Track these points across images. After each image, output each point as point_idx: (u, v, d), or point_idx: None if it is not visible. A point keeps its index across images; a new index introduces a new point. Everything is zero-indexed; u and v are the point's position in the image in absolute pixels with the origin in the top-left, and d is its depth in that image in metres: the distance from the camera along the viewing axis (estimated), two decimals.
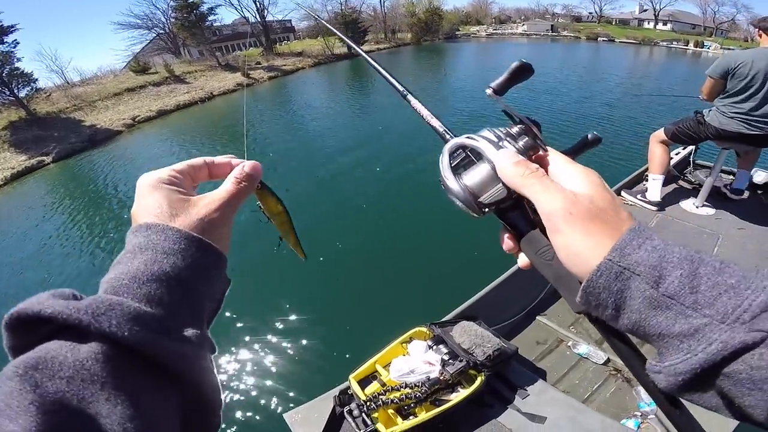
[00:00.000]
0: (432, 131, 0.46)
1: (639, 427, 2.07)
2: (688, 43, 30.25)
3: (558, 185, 0.33)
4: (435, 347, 2.22)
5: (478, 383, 2.05)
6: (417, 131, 10.06)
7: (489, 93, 0.40)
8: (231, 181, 0.38)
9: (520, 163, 0.34)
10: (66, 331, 0.25)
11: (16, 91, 16.07)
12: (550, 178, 0.34)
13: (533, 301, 2.85)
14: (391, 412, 2.00)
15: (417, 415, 1.98)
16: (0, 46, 15.86)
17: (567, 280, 0.34)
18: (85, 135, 14.52)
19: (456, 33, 42.17)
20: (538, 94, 12.79)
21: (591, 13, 44.03)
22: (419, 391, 1.98)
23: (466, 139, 0.38)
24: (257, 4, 29.34)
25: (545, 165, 0.36)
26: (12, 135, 14.31)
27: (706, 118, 2.89)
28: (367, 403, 1.96)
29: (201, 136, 13.04)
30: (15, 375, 0.22)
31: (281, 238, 0.50)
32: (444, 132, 0.44)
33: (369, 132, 10.82)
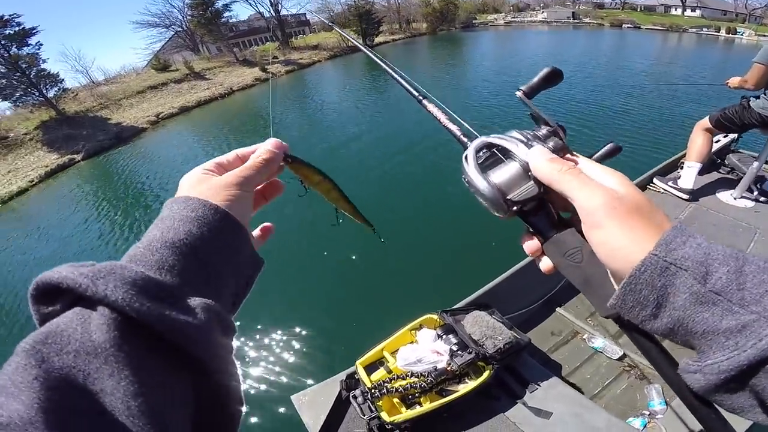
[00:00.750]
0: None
1: (645, 427, 2.03)
2: (719, 30, 28.69)
3: (597, 181, 0.33)
4: (444, 337, 2.19)
5: (485, 376, 2.02)
6: (430, 122, 9.98)
7: (519, 95, 0.41)
8: (252, 157, 0.39)
9: (555, 160, 0.34)
10: (81, 303, 0.25)
11: (44, 92, 16.57)
12: (587, 174, 0.33)
13: (550, 291, 2.78)
14: (396, 400, 2.00)
15: (421, 405, 1.98)
16: (25, 48, 16.31)
17: (596, 283, 0.33)
18: (112, 132, 14.97)
19: (473, 22, 41.19)
20: (561, 85, 12.40)
21: (614, 0, 42.32)
22: (425, 381, 1.97)
23: (494, 138, 0.38)
24: None
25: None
26: (44, 134, 14.84)
27: (751, 103, 2.78)
28: (372, 391, 1.96)
29: (223, 130, 13.23)
30: (22, 350, 0.22)
31: (337, 210, 0.49)
32: (461, 135, 0.44)
33: (388, 120, 10.78)
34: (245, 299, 0.35)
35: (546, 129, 0.39)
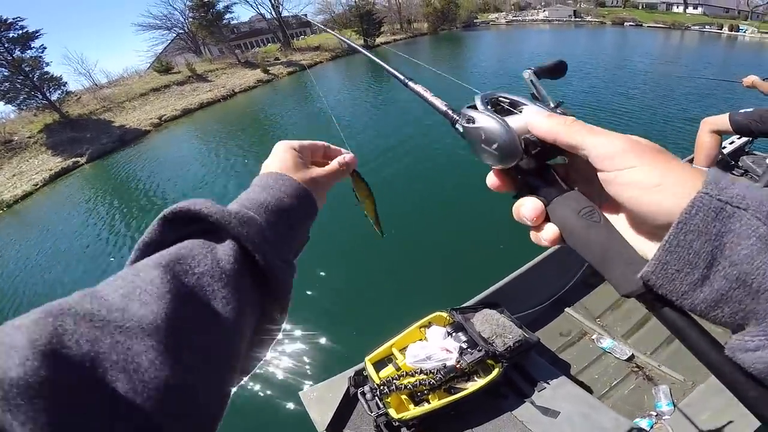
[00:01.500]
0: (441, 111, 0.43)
1: (652, 427, 2.04)
2: (722, 27, 28.55)
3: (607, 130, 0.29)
4: (454, 334, 2.19)
5: (494, 374, 2.03)
6: (440, 117, 9.98)
7: (528, 74, 0.41)
8: (336, 163, 0.48)
9: (555, 116, 0.31)
10: (208, 234, 0.31)
11: (48, 95, 16.65)
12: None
13: (559, 291, 2.78)
14: (404, 397, 2.01)
15: (429, 402, 1.99)
16: (28, 51, 16.43)
17: (616, 252, 0.28)
18: (116, 135, 15.05)
19: (474, 21, 41.12)
20: (564, 82, 12.41)
21: None
22: (434, 378, 1.97)
23: (501, 93, 0.36)
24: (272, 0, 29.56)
25: None
26: (48, 138, 14.94)
27: None
28: (381, 387, 1.96)
29: (225, 132, 13.30)
30: (159, 265, 0.26)
31: (366, 215, 0.59)
32: (448, 110, 0.40)
33: (392, 119, 10.81)
34: None
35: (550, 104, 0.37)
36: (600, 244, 0.28)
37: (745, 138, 3.51)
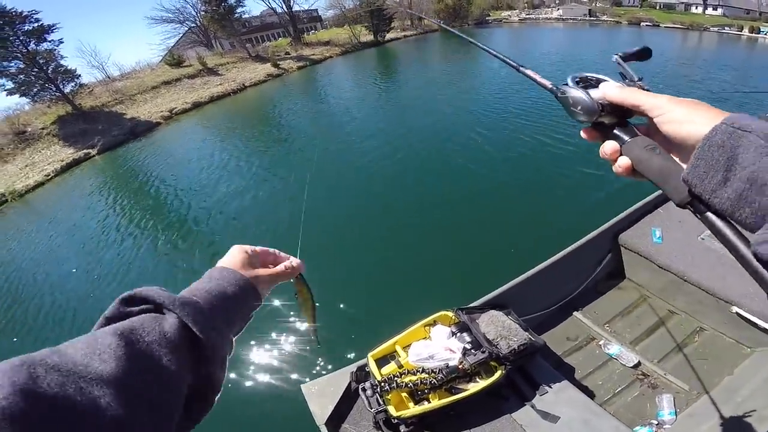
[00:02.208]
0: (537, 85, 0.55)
1: None
2: (742, 29, 27.80)
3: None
4: (458, 334, 2.18)
5: (497, 376, 2.01)
6: (452, 114, 9.93)
7: (615, 58, 0.51)
8: (281, 266, 0.58)
9: (624, 86, 0.44)
10: (155, 311, 0.39)
11: (61, 87, 16.84)
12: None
13: (569, 295, 2.78)
14: (405, 395, 2.01)
15: (430, 401, 1.98)
16: (43, 44, 16.57)
17: (671, 172, 0.38)
18: (127, 127, 15.22)
19: (486, 19, 40.74)
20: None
21: None
22: (435, 378, 1.96)
23: (587, 73, 0.49)
24: None
25: None
26: (60, 129, 15.15)
27: None
28: (382, 384, 1.96)
29: (234, 126, 13.35)
30: (115, 333, 0.33)
31: (300, 308, 0.67)
32: (551, 86, 0.53)
33: (401, 115, 10.79)
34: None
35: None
36: (659, 166, 0.39)
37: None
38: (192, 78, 20.70)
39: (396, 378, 1.99)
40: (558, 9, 41.49)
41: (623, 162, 0.43)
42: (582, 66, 15.03)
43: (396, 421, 1.91)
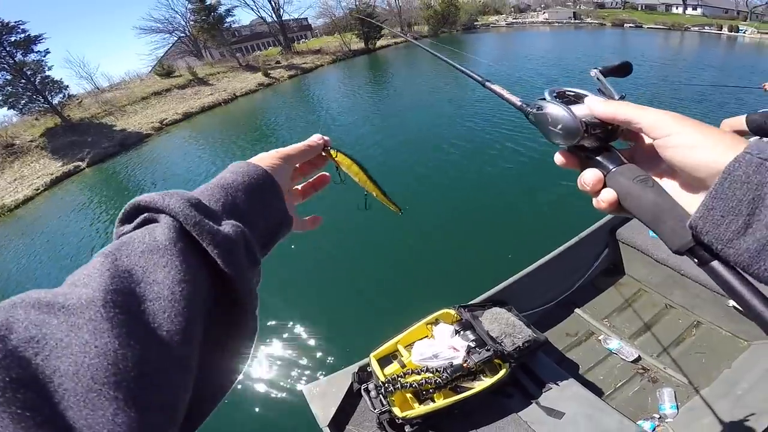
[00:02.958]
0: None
1: (654, 430, 2.04)
2: (721, 28, 28.54)
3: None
4: (462, 333, 2.16)
5: (501, 374, 2.00)
6: (447, 115, 10.00)
7: (594, 73, 0.45)
8: (299, 145, 0.50)
9: (612, 101, 0.38)
10: (150, 222, 0.32)
11: (50, 99, 16.60)
12: None
13: (567, 291, 2.78)
14: (409, 395, 1.98)
15: (434, 401, 1.96)
16: (30, 55, 16.38)
17: (667, 210, 0.32)
18: (117, 139, 15.04)
19: (474, 24, 41.23)
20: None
21: None
22: (440, 377, 1.94)
23: (567, 88, 0.42)
24: (272, 3, 29.65)
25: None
26: (49, 141, 14.93)
27: None
28: (385, 385, 1.93)
29: (227, 136, 13.29)
30: (101, 254, 0.28)
31: (366, 194, 0.55)
32: (522, 104, 0.47)
33: (395, 117, 10.81)
34: (272, 247, 0.41)
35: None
36: (653, 203, 0.33)
37: (766, 139, 3.44)
38: (182, 88, 20.61)
39: (400, 378, 1.97)
40: (544, 12, 42.24)
41: (607, 196, 0.36)
42: (567, 67, 15.27)
43: (401, 422, 1.89)
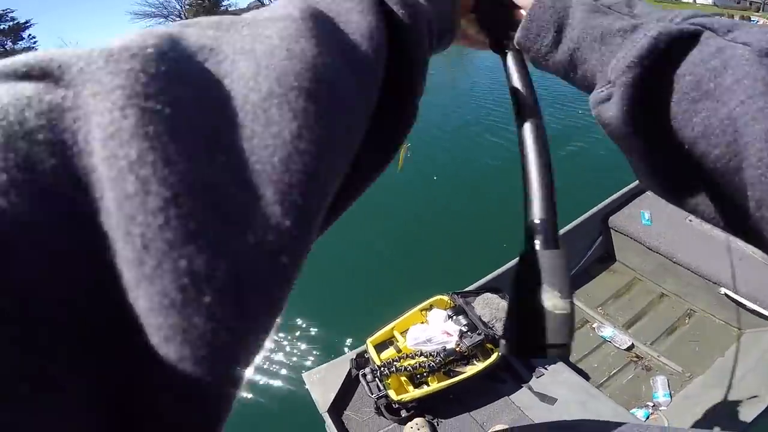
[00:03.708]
0: None
1: (648, 418, 2.05)
2: (732, 17, 28.00)
3: None
4: (455, 318, 2.17)
5: (493, 358, 2.02)
6: (453, 99, 9.86)
7: None
8: None
9: None
10: None
11: None
12: None
13: None
14: (404, 379, 2.01)
15: (429, 385, 1.98)
16: (20, 42, 16.36)
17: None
18: None
19: None
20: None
21: None
22: (433, 361, 1.96)
23: None
24: None
25: None
26: None
27: None
28: (381, 369, 1.95)
29: None
30: None
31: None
32: None
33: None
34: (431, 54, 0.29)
35: None
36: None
37: None
38: None
39: (395, 362, 1.99)
40: None
41: None
42: None
43: (397, 406, 1.92)
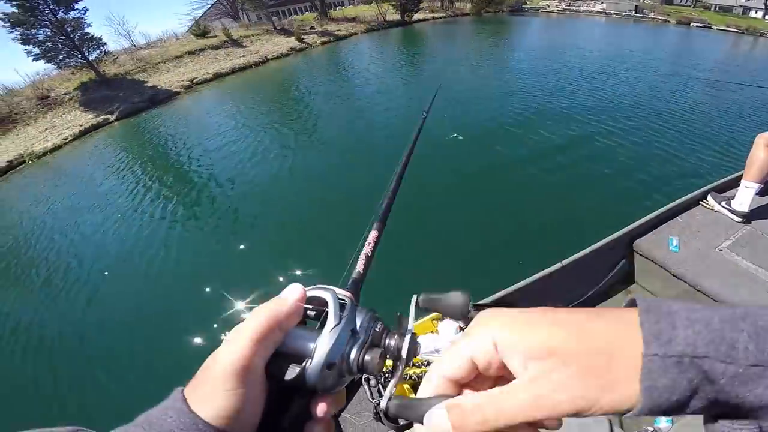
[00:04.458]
0: None
1: None
2: None
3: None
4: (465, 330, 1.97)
5: None
6: (476, 99, 9.44)
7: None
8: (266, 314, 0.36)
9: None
10: None
11: (87, 55, 16.86)
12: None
13: (579, 299, 2.73)
14: (407, 387, 1.99)
15: None
16: (71, 12, 16.55)
17: None
18: (147, 95, 15.10)
19: (522, 6, 38.94)
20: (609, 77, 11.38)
21: None
22: None
23: None
24: None
25: None
26: (82, 95, 15.15)
27: None
28: (386, 375, 1.83)
29: (254, 99, 13.16)
30: None
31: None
32: None
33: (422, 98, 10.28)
34: None
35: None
36: None
37: None
38: (216, 49, 20.41)
39: None
40: (601, 2, 39.23)
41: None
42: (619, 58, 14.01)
43: None
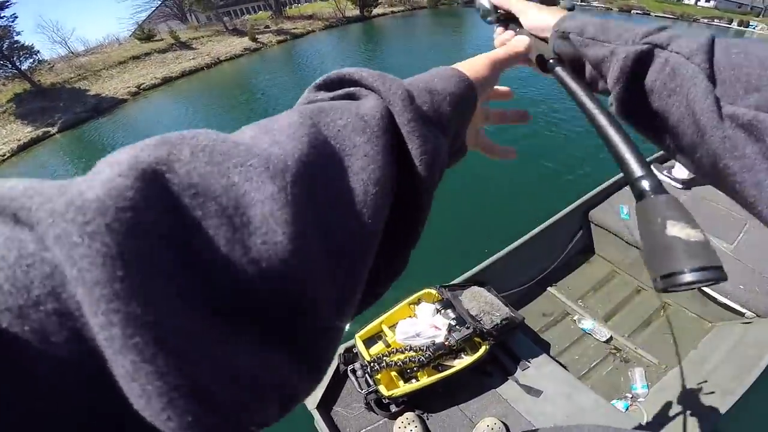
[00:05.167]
0: None
1: (627, 409, 2.10)
2: (731, 22, 27.78)
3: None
4: (443, 311, 2.17)
5: (481, 352, 2.01)
6: None
7: None
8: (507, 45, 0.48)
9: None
10: (358, 98, 0.28)
11: (18, 64, 15.85)
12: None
13: (544, 272, 2.83)
14: (394, 374, 2.01)
15: (419, 379, 1.96)
16: None
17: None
18: (90, 104, 14.28)
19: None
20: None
21: None
22: (423, 355, 1.94)
23: None
24: None
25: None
26: (17, 107, 14.13)
27: None
28: (371, 364, 1.93)
29: (207, 101, 12.83)
30: (299, 113, 0.23)
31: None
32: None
33: None
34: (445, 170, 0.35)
35: None
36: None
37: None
38: (163, 52, 19.54)
39: (385, 357, 1.97)
40: None
41: (523, 40, 0.47)
42: None
43: (387, 401, 1.92)
